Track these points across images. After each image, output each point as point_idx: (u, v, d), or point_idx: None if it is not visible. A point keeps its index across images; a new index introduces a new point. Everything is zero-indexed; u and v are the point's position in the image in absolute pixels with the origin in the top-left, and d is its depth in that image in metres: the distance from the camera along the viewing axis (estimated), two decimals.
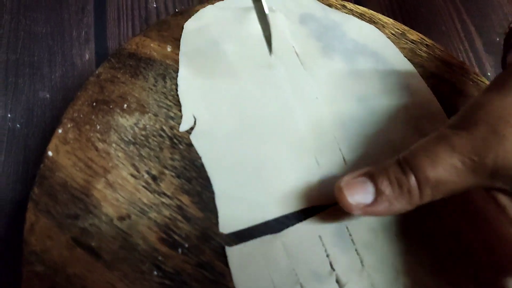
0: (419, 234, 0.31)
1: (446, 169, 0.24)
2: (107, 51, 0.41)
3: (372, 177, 0.26)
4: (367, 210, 0.26)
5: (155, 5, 0.43)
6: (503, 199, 0.26)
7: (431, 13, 0.51)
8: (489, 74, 0.49)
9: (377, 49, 0.38)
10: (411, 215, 0.31)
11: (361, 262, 0.30)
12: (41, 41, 0.40)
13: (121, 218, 0.29)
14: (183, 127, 0.32)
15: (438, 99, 0.37)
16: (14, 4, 0.41)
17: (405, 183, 0.25)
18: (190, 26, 0.35)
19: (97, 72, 0.32)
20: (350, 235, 0.31)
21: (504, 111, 0.23)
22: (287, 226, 0.30)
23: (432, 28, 0.51)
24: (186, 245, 0.29)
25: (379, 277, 0.29)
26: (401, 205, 0.26)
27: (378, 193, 0.26)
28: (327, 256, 0.30)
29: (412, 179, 0.25)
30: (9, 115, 0.37)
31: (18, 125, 0.36)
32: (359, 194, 0.26)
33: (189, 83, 0.33)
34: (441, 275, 0.30)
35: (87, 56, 0.40)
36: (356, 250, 0.30)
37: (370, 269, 0.30)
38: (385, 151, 0.34)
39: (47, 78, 0.39)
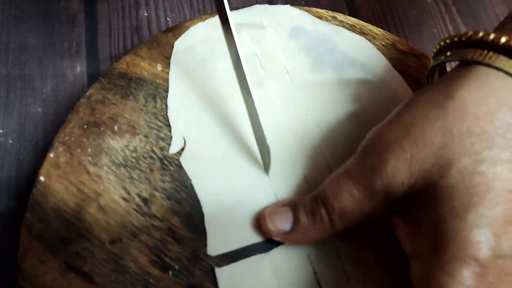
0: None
1: (346, 198, 0.26)
2: (98, 62, 0.41)
3: (293, 207, 0.29)
4: (285, 237, 0.29)
5: (146, 14, 0.43)
6: (397, 219, 0.28)
7: (422, 14, 0.51)
8: None
9: (367, 62, 0.39)
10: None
11: (347, 277, 0.31)
12: (32, 53, 0.40)
13: (113, 242, 0.29)
14: (173, 149, 0.32)
15: None
16: (5, 15, 0.41)
17: (318, 213, 0.27)
18: (180, 45, 0.35)
19: (88, 93, 0.32)
20: (337, 251, 0.31)
21: (389, 138, 0.25)
22: (276, 245, 0.31)
23: (423, 30, 0.50)
24: (177, 267, 0.29)
25: None
26: (316, 233, 0.28)
27: (296, 221, 0.28)
28: (315, 273, 0.31)
29: (322, 209, 0.27)
30: (0, 131, 0.37)
31: (10, 141, 0.37)
32: (279, 222, 0.29)
33: (179, 104, 0.33)
34: None
35: (78, 68, 0.40)
36: (342, 266, 0.31)
37: (356, 283, 0.30)
38: None
39: (39, 92, 0.39)
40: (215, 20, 0.37)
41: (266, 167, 0.32)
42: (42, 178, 0.30)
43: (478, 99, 0.24)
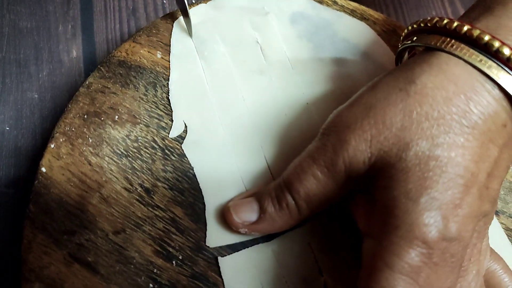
0: None
1: (311, 181, 0.27)
2: (94, 46, 0.40)
3: (258, 197, 0.29)
4: (252, 227, 0.29)
5: None
6: (358, 199, 0.28)
7: None
8: None
9: (367, 49, 0.38)
10: None
11: (348, 266, 0.31)
12: (27, 37, 0.39)
13: (116, 233, 0.29)
14: (173, 133, 0.32)
15: None
16: None
17: (284, 200, 0.28)
18: (181, 24, 0.35)
19: (87, 82, 0.32)
20: (339, 241, 0.32)
21: (349, 119, 0.26)
22: (278, 234, 0.31)
23: (422, 13, 0.50)
24: (180, 257, 0.30)
25: None
26: (283, 221, 0.28)
27: (262, 211, 0.28)
28: (316, 262, 0.31)
29: (288, 196, 0.27)
30: None
31: (7, 127, 0.36)
32: (245, 213, 0.29)
33: (180, 87, 0.33)
34: None
35: (74, 53, 0.39)
36: (343, 255, 0.31)
37: (358, 272, 0.31)
38: None
39: (35, 77, 0.38)
40: (217, 1, 0.36)
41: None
42: (43, 169, 0.29)
43: (438, 85, 0.24)
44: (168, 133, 0.32)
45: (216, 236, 0.31)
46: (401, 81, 0.25)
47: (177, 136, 0.32)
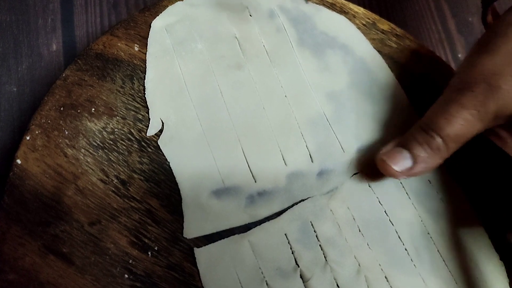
0: (379, 229, 0.33)
1: (460, 123, 0.30)
2: (74, 40, 0.40)
3: (404, 145, 0.32)
4: (409, 173, 0.31)
5: None
6: (503, 133, 0.32)
7: None
8: (459, 55, 0.49)
9: (347, 42, 0.38)
10: (372, 209, 0.33)
11: (325, 257, 0.31)
12: (6, 30, 0.39)
13: (92, 224, 0.29)
14: (151, 131, 0.32)
15: (407, 90, 0.38)
16: None
17: (433, 143, 0.30)
18: (158, 24, 0.35)
19: (64, 75, 0.32)
20: (315, 231, 0.32)
21: (495, 68, 0.29)
22: (255, 225, 0.32)
23: (405, 8, 0.50)
24: (156, 248, 0.30)
25: (342, 271, 0.31)
26: (434, 161, 0.31)
27: (415, 157, 0.31)
28: (292, 252, 0.31)
29: (438, 139, 0.30)
30: None
31: None
32: (401, 161, 0.31)
33: (156, 85, 0.33)
34: (399, 265, 0.32)
35: (54, 47, 0.39)
36: (320, 245, 0.32)
37: (333, 264, 0.31)
38: (352, 146, 0.35)
39: (14, 70, 0.38)
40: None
41: None
42: (19, 161, 0.29)
43: None
44: (145, 126, 0.32)
45: (193, 227, 0.31)
46: None
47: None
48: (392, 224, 0.33)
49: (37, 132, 0.30)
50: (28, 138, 0.30)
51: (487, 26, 0.37)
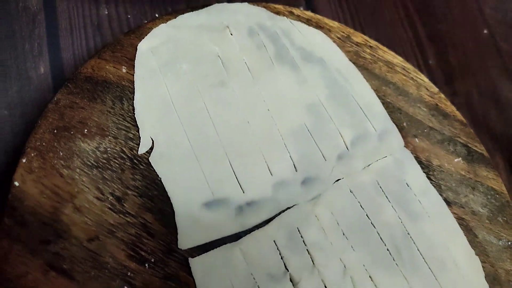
0: (362, 231, 0.35)
1: None
2: (61, 62, 0.41)
3: None
4: None
5: (106, 12, 0.44)
6: None
7: (377, 2, 0.54)
8: (430, 62, 0.52)
9: (323, 55, 0.41)
10: (355, 213, 0.35)
11: (312, 261, 0.33)
12: None
13: (90, 240, 0.31)
14: (141, 150, 0.34)
15: (382, 99, 0.40)
16: None
17: None
18: (143, 47, 0.36)
19: (55, 98, 0.33)
20: (302, 237, 0.34)
21: None
22: (245, 234, 0.33)
23: (377, 20, 0.53)
24: (152, 260, 0.31)
25: (329, 273, 0.33)
26: None
27: None
28: (282, 258, 0.33)
29: None
30: None
31: None
32: None
33: (145, 106, 0.35)
34: (382, 266, 0.34)
35: (42, 70, 0.40)
36: (307, 250, 0.34)
37: (320, 267, 0.33)
38: (333, 154, 0.37)
39: (3, 94, 0.39)
40: (177, 21, 0.38)
41: None
42: (16, 183, 0.31)
43: None
44: (136, 144, 0.34)
45: (187, 238, 0.32)
46: None
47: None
48: (374, 227, 0.35)
49: (32, 154, 0.32)
50: (24, 160, 0.31)
51: None
